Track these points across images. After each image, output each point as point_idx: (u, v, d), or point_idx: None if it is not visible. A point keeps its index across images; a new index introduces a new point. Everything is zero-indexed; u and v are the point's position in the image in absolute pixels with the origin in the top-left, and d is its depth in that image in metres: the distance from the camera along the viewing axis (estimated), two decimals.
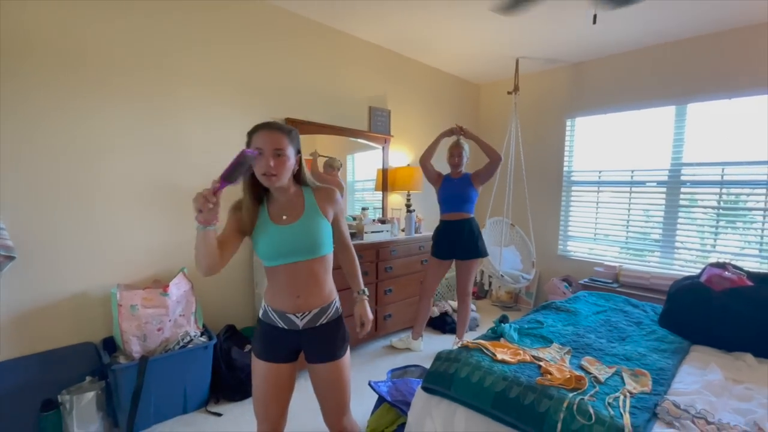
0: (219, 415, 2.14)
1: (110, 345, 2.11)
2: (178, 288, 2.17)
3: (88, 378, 2.03)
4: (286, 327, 1.29)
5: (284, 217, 1.27)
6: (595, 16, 1.80)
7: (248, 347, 2.39)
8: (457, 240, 2.81)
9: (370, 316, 1.42)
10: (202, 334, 2.25)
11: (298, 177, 1.32)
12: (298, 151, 1.29)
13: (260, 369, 1.32)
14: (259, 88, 2.70)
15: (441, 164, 3.03)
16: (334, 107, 3.16)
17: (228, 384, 2.27)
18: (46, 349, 2.00)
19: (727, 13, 2.75)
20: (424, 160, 2.92)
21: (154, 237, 2.32)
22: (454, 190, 2.84)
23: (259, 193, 1.29)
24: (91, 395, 1.91)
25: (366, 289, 1.45)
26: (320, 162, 3.07)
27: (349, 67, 3.26)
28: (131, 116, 2.18)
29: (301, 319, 1.28)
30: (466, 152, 2.88)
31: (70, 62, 1.98)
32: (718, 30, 3.03)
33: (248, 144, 1.23)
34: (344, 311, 1.41)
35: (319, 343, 1.31)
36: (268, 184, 1.22)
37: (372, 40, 3.37)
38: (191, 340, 2.15)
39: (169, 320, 2.11)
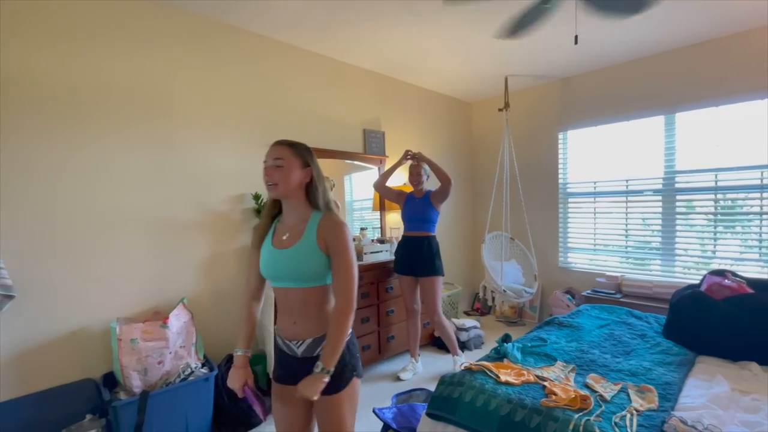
0: None
1: (110, 380, 2.08)
2: (177, 319, 2.16)
3: (88, 416, 1.99)
4: (288, 352, 1.27)
5: (284, 238, 1.26)
6: (576, 38, 1.85)
7: None
8: (417, 257, 2.86)
9: (313, 396, 1.11)
10: (203, 366, 2.22)
11: (310, 199, 1.28)
12: (307, 165, 1.26)
13: (275, 390, 1.32)
14: (253, 117, 2.74)
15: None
16: (329, 131, 3.21)
17: (230, 415, 2.23)
18: (45, 388, 1.97)
19: (710, 23, 2.83)
20: (379, 186, 3.03)
21: (153, 269, 2.32)
22: (415, 211, 2.92)
23: (277, 211, 1.34)
24: None
25: (330, 371, 1.14)
26: None
27: (343, 93, 3.33)
28: (125, 148, 2.21)
29: (298, 347, 1.25)
30: (425, 171, 2.94)
31: (65, 96, 2.02)
32: (701, 40, 3.10)
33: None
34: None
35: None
36: (271, 194, 1.26)
37: (364, 66, 3.44)
38: (192, 372, 2.12)
39: (170, 352, 2.09)
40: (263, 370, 2.55)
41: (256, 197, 2.59)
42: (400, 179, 3.62)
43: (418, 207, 2.91)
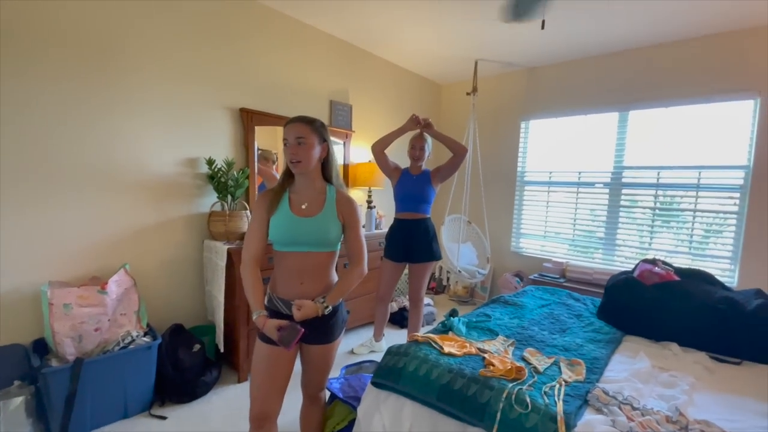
0: (163, 418, 2.05)
1: (41, 347, 1.96)
2: (118, 285, 2.06)
3: (16, 382, 1.87)
4: (289, 313, 1.36)
5: (303, 207, 1.38)
6: (543, 22, 1.88)
7: (197, 347, 2.30)
8: (411, 242, 2.60)
9: (304, 314, 1.31)
10: (145, 334, 2.14)
11: (324, 172, 1.43)
12: (324, 140, 1.39)
13: (263, 351, 1.37)
14: (210, 76, 2.59)
15: (400, 158, 3.01)
16: (293, 99, 3.10)
17: (174, 385, 2.18)
18: None
19: (665, 28, 2.96)
20: (378, 150, 2.57)
21: (94, 230, 2.17)
22: (412, 189, 2.60)
23: (289, 181, 1.44)
24: (19, 401, 1.77)
25: (329, 307, 1.35)
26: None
27: (310, 60, 3.20)
28: (63, 93, 2.03)
29: None
30: (428, 145, 2.63)
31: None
32: (657, 42, 3.25)
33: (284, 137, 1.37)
34: (348, 298, 1.44)
35: (318, 328, 1.39)
36: (295, 170, 1.36)
37: (334, 33, 3.33)
38: (133, 340, 2.04)
39: (108, 320, 1.99)
40: (212, 341, 2.49)
41: (210, 162, 2.47)
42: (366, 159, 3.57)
43: (416, 185, 2.59)
